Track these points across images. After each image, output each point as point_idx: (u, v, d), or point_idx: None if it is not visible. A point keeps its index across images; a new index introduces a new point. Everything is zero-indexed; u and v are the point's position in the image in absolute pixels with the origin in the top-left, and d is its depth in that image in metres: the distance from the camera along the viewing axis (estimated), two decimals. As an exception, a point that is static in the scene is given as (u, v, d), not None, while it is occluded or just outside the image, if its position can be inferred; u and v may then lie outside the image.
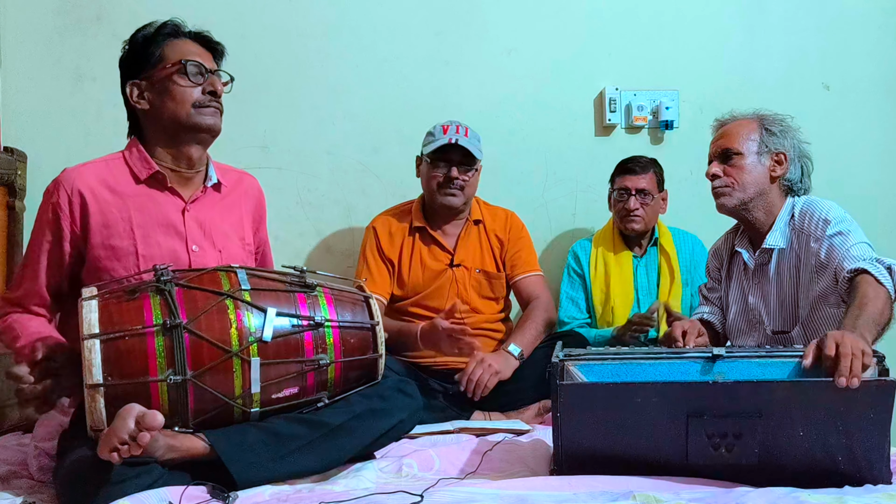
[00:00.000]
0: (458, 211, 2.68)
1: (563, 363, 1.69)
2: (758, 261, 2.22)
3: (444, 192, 2.61)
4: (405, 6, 3.09)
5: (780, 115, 2.23)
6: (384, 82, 3.08)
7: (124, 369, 1.61)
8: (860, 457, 1.61)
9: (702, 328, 2.17)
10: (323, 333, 1.79)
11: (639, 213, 2.81)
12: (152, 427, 1.51)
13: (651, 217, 2.86)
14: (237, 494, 1.62)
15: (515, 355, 2.47)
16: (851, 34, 3.23)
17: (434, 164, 2.61)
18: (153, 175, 1.93)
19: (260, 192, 2.16)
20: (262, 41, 3.00)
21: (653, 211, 2.85)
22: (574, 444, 1.68)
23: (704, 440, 1.64)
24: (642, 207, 2.81)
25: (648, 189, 2.82)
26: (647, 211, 2.82)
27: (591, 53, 3.17)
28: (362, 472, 1.76)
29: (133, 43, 1.96)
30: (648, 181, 2.83)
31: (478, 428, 2.23)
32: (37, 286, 1.90)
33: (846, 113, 3.23)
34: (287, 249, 2.97)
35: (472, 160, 2.61)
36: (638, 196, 2.81)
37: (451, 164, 2.59)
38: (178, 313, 1.65)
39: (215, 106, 1.93)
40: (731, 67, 3.20)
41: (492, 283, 2.70)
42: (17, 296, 1.93)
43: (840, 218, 2.08)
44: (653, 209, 2.85)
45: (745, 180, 2.16)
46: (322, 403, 1.79)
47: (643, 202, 2.81)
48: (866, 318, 1.79)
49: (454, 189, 2.60)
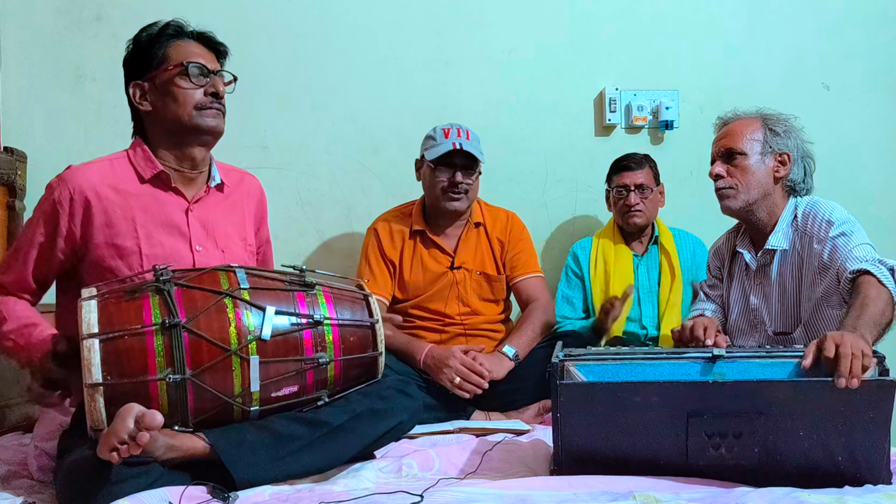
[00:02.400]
0: (462, 214, 2.68)
1: (563, 363, 1.69)
2: (760, 261, 2.22)
3: (450, 198, 2.60)
4: (405, 6, 3.10)
5: (783, 115, 2.23)
6: (384, 82, 3.08)
7: (124, 369, 1.61)
8: (860, 457, 1.62)
9: (718, 325, 2.16)
10: (322, 332, 1.79)
11: (640, 208, 2.83)
12: (151, 427, 1.51)
13: (651, 211, 2.88)
14: (237, 494, 1.62)
15: (510, 356, 2.47)
16: (851, 34, 3.23)
17: (437, 169, 2.60)
18: (157, 175, 1.93)
19: (262, 192, 2.17)
20: (262, 41, 3.00)
21: (652, 205, 2.88)
22: (574, 444, 1.68)
23: (704, 440, 1.64)
24: (642, 202, 2.83)
25: (646, 183, 2.84)
26: (647, 205, 2.85)
27: (591, 53, 3.17)
28: (362, 472, 1.76)
29: (136, 43, 1.96)
30: (646, 176, 2.86)
31: (478, 428, 2.23)
32: (24, 274, 1.91)
33: (846, 113, 3.23)
34: (287, 249, 2.96)
35: (475, 164, 2.61)
36: (637, 191, 2.83)
37: (454, 168, 2.58)
38: (177, 312, 1.65)
39: (217, 107, 1.93)
40: (731, 67, 3.20)
41: (492, 285, 2.70)
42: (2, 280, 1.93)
43: (843, 219, 2.08)
44: (652, 203, 2.87)
45: (750, 181, 2.16)
46: (322, 402, 1.80)
47: (643, 197, 2.84)
48: (867, 318, 1.79)
49: (459, 194, 2.60)
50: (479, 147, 2.63)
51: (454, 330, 2.64)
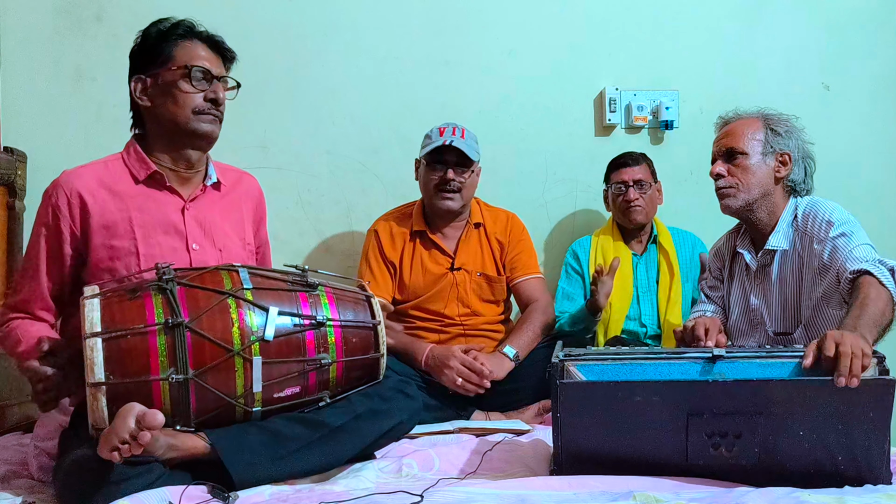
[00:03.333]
0: (458, 214, 2.68)
1: (563, 363, 1.69)
2: (760, 262, 2.22)
3: (442, 196, 2.60)
4: (405, 6, 3.09)
5: (784, 115, 2.23)
6: (384, 82, 3.08)
7: (126, 368, 1.61)
8: (860, 457, 1.62)
9: (721, 326, 2.16)
10: (325, 333, 1.79)
11: (639, 203, 2.84)
12: (153, 426, 1.51)
13: (650, 207, 2.89)
14: (237, 494, 1.62)
15: (510, 357, 2.48)
16: (851, 34, 3.24)
17: (430, 166, 2.61)
18: (151, 175, 1.93)
19: (260, 192, 2.17)
20: (262, 41, 3.00)
21: (651, 201, 2.88)
22: (574, 443, 1.68)
23: (704, 440, 1.64)
24: (641, 197, 2.85)
25: (644, 179, 2.86)
26: (645, 201, 2.86)
27: (591, 53, 3.17)
28: (362, 472, 1.76)
29: (145, 38, 1.95)
30: (643, 172, 2.87)
31: (478, 428, 2.23)
32: (38, 289, 1.89)
33: (846, 113, 3.23)
34: (287, 249, 2.97)
35: (469, 161, 2.60)
36: (636, 187, 2.85)
37: (447, 165, 2.58)
38: (180, 312, 1.65)
39: (214, 114, 1.93)
40: (731, 67, 3.21)
41: (492, 286, 2.70)
42: (18, 300, 1.92)
43: (844, 220, 2.08)
44: (650, 199, 2.88)
45: (750, 181, 2.16)
46: (323, 403, 1.80)
47: (641, 192, 2.85)
48: (867, 318, 1.79)
49: (451, 192, 2.60)
50: (473, 145, 2.62)
51: (454, 331, 2.64)
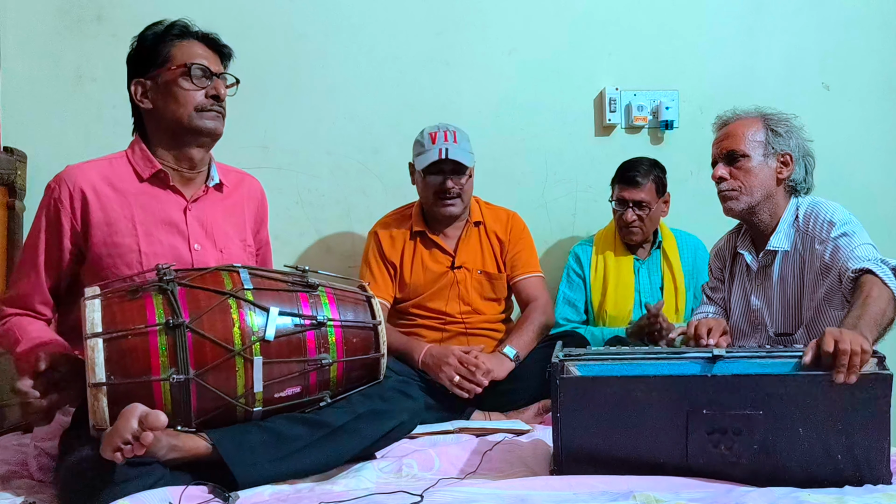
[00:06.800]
0: (457, 216, 2.69)
1: (563, 363, 1.69)
2: (761, 262, 2.21)
3: (443, 204, 2.61)
4: (405, 6, 3.10)
5: (784, 115, 2.21)
6: (384, 82, 3.08)
7: (127, 368, 1.61)
8: (860, 457, 1.62)
9: (726, 327, 2.15)
10: (325, 333, 1.79)
11: (636, 225, 2.80)
12: (155, 427, 1.51)
13: (650, 226, 2.84)
14: (238, 494, 1.62)
15: (511, 357, 2.48)
16: (851, 34, 3.24)
17: (427, 177, 2.61)
18: (156, 174, 1.94)
19: (262, 194, 2.17)
20: (262, 41, 3.00)
21: (651, 220, 2.83)
22: (574, 442, 1.68)
23: (704, 437, 1.64)
24: (639, 219, 2.79)
25: (647, 200, 2.78)
26: (645, 221, 2.81)
27: (591, 53, 3.17)
28: (362, 472, 1.76)
29: (141, 41, 1.96)
30: (647, 191, 2.78)
31: (478, 428, 2.23)
32: (37, 281, 1.89)
33: (846, 113, 3.23)
34: (287, 249, 2.97)
35: (465, 167, 2.60)
36: (635, 208, 2.79)
37: (444, 175, 2.58)
38: (181, 312, 1.65)
39: (217, 110, 1.94)
40: (731, 67, 3.21)
41: (493, 284, 2.70)
42: (15, 295, 1.92)
43: (845, 220, 2.07)
44: (651, 218, 2.82)
45: (753, 184, 2.14)
46: (324, 403, 1.80)
47: (640, 214, 2.79)
48: (868, 317, 1.79)
49: (452, 199, 2.60)
50: (467, 149, 2.62)
51: (455, 329, 2.65)
